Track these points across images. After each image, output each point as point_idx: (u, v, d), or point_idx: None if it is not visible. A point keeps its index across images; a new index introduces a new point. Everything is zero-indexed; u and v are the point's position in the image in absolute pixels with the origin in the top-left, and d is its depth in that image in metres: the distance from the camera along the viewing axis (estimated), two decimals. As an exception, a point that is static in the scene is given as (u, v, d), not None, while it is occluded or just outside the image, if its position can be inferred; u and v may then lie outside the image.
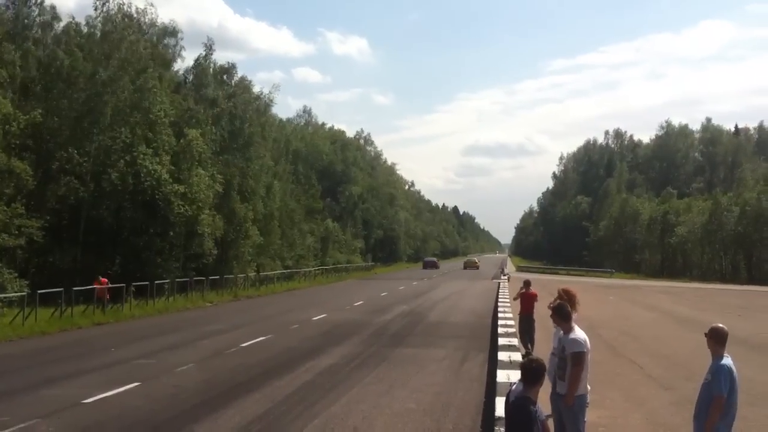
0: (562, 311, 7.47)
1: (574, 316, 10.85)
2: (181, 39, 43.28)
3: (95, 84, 33.32)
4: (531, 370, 5.24)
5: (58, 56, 34.36)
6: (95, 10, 35.47)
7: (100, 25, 35.81)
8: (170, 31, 42.99)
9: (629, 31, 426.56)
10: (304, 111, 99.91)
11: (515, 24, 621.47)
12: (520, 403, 5.19)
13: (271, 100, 52.29)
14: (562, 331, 7.47)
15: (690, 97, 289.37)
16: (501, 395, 7.53)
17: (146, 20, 41.44)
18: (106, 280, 27.42)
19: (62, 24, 36.95)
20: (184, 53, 44.03)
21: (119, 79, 33.93)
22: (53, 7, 37.26)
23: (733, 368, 6.30)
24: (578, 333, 7.34)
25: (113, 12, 35.52)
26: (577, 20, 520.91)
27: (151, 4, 42.51)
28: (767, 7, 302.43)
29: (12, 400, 11.91)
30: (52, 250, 32.04)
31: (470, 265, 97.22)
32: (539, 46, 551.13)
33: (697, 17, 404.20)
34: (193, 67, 45.56)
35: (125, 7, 36.48)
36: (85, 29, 37.01)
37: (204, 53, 45.18)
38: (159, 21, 42.38)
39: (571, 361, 7.18)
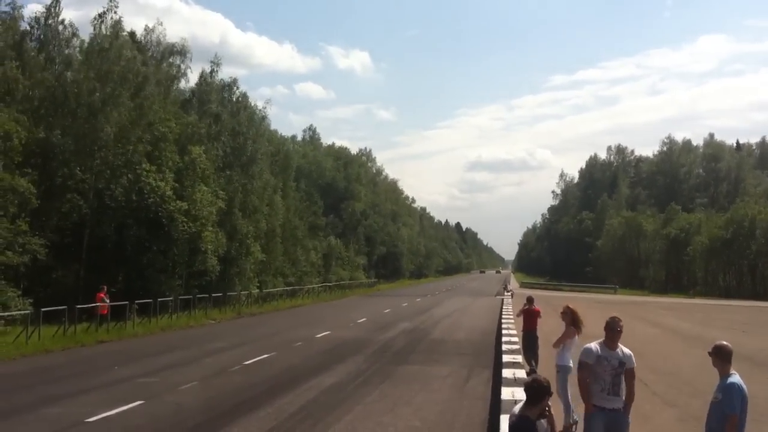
0: (620, 325, 7.46)
1: (578, 335, 10.91)
2: (190, 60, 43.41)
3: (95, 101, 33.38)
4: (533, 389, 5.22)
5: (64, 73, 34.52)
6: (93, 27, 35.62)
7: (98, 40, 35.82)
8: (179, 50, 43.12)
9: (629, 47, 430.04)
10: (309, 128, 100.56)
11: (514, 40, 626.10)
12: (519, 422, 5.19)
13: (265, 115, 52.52)
14: (602, 347, 7.41)
15: (690, 112, 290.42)
16: (505, 413, 7.52)
17: (153, 38, 41.88)
18: (102, 294, 27.05)
19: (76, 42, 36.84)
20: (190, 72, 43.97)
21: (118, 95, 33.99)
22: (72, 25, 36.99)
23: (743, 386, 6.23)
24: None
25: (109, 28, 35.64)
26: (576, 36, 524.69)
27: (161, 24, 42.62)
28: (765, 21, 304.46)
29: (15, 419, 11.88)
30: (55, 268, 31.99)
31: (498, 272, 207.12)
32: (539, 62, 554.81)
33: (696, 32, 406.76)
34: (197, 84, 45.72)
35: (123, 24, 36.74)
36: (80, 44, 36.96)
37: (210, 70, 45.47)
38: (165, 40, 42.70)
39: (631, 376, 7.45)
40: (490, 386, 14.41)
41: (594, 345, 7.50)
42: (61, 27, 35.47)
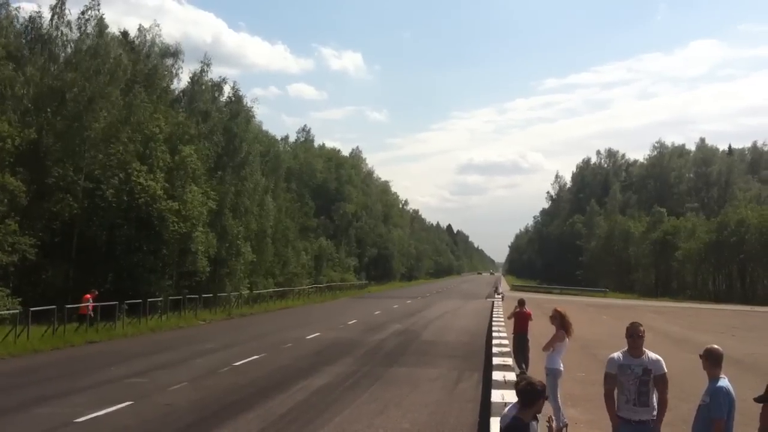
0: (640, 330, 7.11)
1: (567, 338, 10.95)
2: (182, 61, 43.42)
3: (82, 99, 33.19)
4: (526, 393, 5.22)
5: (53, 72, 34.36)
6: (79, 28, 35.47)
7: (81, 38, 35.71)
8: (172, 52, 43.17)
9: (620, 51, 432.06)
10: (303, 129, 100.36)
11: (507, 43, 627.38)
12: (513, 424, 5.19)
13: (254, 114, 52.30)
14: (624, 356, 7.04)
15: (681, 116, 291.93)
16: (495, 415, 7.51)
17: (147, 39, 41.84)
18: (89, 296, 26.84)
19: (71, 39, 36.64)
20: (181, 73, 44.00)
21: (109, 94, 33.83)
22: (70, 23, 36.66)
23: (731, 390, 6.24)
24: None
25: (93, 27, 35.57)
26: (568, 40, 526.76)
27: (158, 25, 42.57)
28: (757, 26, 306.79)
29: (4, 419, 11.81)
30: (44, 267, 31.84)
31: (491, 273, 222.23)
32: (530, 66, 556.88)
33: (688, 37, 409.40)
34: (188, 84, 45.69)
35: (107, 22, 36.78)
36: (70, 44, 36.81)
37: (200, 69, 45.46)
38: (160, 40, 42.69)
39: (662, 382, 6.96)
40: (480, 388, 14.42)
41: (617, 354, 7.16)
42: (65, 28, 35.36)
